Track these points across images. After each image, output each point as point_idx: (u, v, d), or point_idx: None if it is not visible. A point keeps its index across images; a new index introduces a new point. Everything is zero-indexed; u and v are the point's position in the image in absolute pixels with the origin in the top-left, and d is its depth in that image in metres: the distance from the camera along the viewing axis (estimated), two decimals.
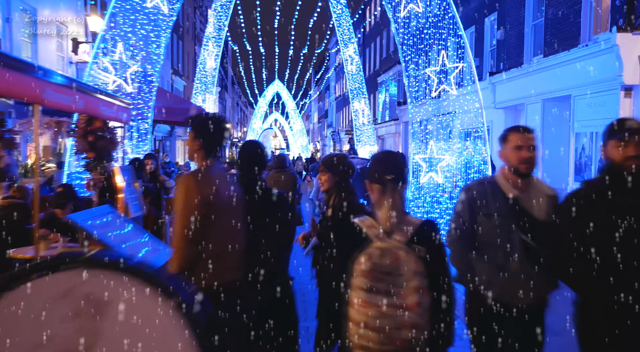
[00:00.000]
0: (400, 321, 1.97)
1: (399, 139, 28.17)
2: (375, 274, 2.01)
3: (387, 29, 31.25)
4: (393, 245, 2.05)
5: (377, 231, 2.11)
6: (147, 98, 9.67)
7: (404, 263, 2.00)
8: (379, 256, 2.02)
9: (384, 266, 2.01)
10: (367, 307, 2.00)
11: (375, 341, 1.98)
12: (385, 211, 2.10)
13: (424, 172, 10.31)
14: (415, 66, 10.49)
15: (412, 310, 1.98)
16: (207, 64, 16.84)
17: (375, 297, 1.99)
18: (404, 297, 1.98)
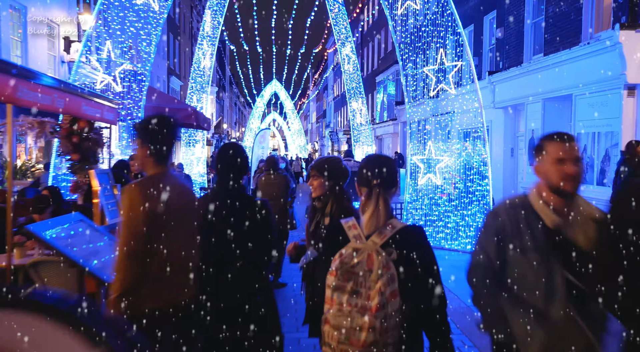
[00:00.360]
0: (359, 322, 1.93)
1: (397, 139, 27.91)
2: (342, 273, 1.99)
3: (386, 28, 31.00)
4: (366, 246, 2.02)
5: (356, 232, 2.10)
6: (137, 97, 9.39)
7: (374, 265, 1.97)
8: (350, 256, 2.01)
9: (353, 265, 1.99)
10: (331, 304, 2.00)
11: (336, 340, 1.97)
12: (368, 213, 2.09)
13: (422, 173, 10.05)
14: (413, 65, 10.23)
15: (372, 312, 1.93)
16: (201, 63, 16.57)
17: (340, 296, 1.98)
18: (368, 299, 1.95)
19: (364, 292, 1.96)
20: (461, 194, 9.48)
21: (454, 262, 8.45)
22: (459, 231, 9.44)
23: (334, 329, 1.98)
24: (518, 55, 14.38)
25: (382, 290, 1.94)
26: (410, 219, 10.26)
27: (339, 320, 1.97)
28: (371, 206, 2.09)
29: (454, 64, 9.56)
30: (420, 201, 10.09)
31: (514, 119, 15.39)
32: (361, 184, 2.18)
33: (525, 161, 13.99)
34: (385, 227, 2.07)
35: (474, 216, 9.23)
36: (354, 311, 1.95)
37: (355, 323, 1.94)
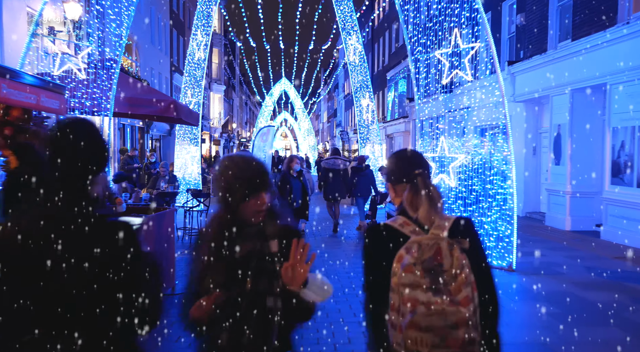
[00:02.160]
0: (455, 319, 1.75)
1: (409, 137, 26.52)
2: (417, 268, 1.80)
3: (397, 23, 29.61)
4: (433, 238, 1.84)
5: (412, 228, 1.91)
6: (105, 87, 8.19)
7: (448, 256, 1.81)
8: (418, 249, 1.82)
9: (427, 260, 1.81)
10: (414, 305, 1.77)
11: (428, 344, 1.75)
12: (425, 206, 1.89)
13: (434, 173, 8.70)
14: (422, 48, 8.89)
15: (465, 306, 1.77)
16: (196, 55, 15.40)
17: (422, 294, 1.77)
18: (455, 293, 1.78)
19: (444, 287, 1.79)
20: (479, 198, 8.12)
21: None
22: None
23: (425, 332, 1.76)
24: (542, 42, 12.95)
25: (467, 281, 1.80)
26: None
27: (431, 320, 1.76)
28: (424, 198, 1.91)
29: (471, 46, 8.20)
30: None
31: (537, 113, 13.95)
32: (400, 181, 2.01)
33: (550, 160, 12.55)
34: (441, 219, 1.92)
35: (495, 223, 7.87)
36: (446, 307, 1.76)
37: (450, 320, 1.75)
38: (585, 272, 7.41)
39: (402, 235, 1.90)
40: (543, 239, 10.46)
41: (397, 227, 1.94)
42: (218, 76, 47.75)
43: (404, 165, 2.02)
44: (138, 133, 24.58)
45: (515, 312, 5.71)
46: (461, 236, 1.88)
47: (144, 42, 24.42)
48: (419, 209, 1.91)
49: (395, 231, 1.93)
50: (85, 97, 7.86)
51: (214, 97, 47.20)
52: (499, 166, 7.88)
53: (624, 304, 5.93)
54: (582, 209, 11.38)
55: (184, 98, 15.69)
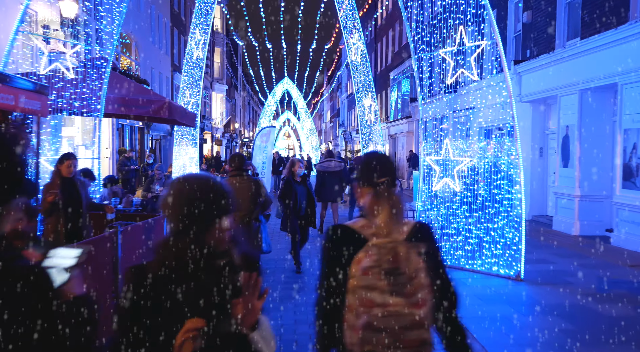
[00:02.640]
0: (409, 320, 1.81)
1: (412, 138, 26.15)
2: (375, 271, 1.84)
3: (400, 20, 29.23)
4: (391, 241, 1.87)
5: (372, 231, 1.93)
6: (95, 87, 7.86)
7: (406, 259, 1.86)
8: (379, 253, 1.86)
9: (384, 262, 1.84)
10: (370, 307, 1.82)
11: (382, 344, 1.80)
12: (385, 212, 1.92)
13: (438, 177, 8.35)
14: (426, 47, 8.52)
15: (419, 308, 1.83)
16: (194, 53, 15.07)
17: (378, 296, 1.82)
18: (410, 295, 1.83)
19: (401, 290, 1.83)
20: (485, 203, 7.76)
21: (476, 290, 6.78)
22: (482, 248, 7.73)
23: (381, 332, 1.80)
24: (549, 41, 12.56)
25: (422, 284, 1.85)
26: None
27: (387, 321, 1.81)
28: (385, 204, 1.93)
29: (477, 44, 7.83)
30: (435, 210, 8.39)
31: (544, 114, 13.56)
32: (366, 184, 2.01)
33: (558, 163, 12.16)
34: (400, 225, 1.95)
35: (501, 230, 7.50)
36: (401, 309, 1.81)
37: (405, 322, 1.82)
38: (598, 282, 7.04)
39: (362, 238, 1.93)
40: (551, 244, 10.08)
41: (357, 229, 1.97)
42: (220, 76, 47.45)
43: (370, 170, 2.03)
44: (138, 133, 24.29)
45: (524, 328, 5.34)
46: (418, 240, 1.93)
47: (144, 41, 24.12)
48: (380, 215, 1.93)
49: (355, 233, 1.96)
50: (74, 97, 7.54)
51: (216, 97, 46.91)
52: (506, 170, 7.52)
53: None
54: (592, 213, 11.00)
55: (183, 98, 15.35)
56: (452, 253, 8.09)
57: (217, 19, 47.16)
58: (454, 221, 8.12)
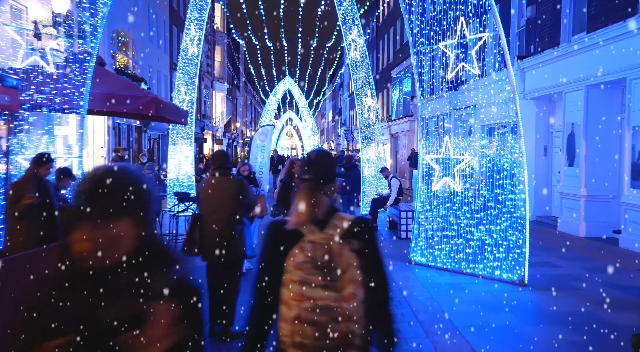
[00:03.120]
0: (338, 313, 1.88)
1: (414, 136, 25.75)
2: (308, 266, 1.92)
3: (401, 19, 28.84)
4: (325, 237, 1.97)
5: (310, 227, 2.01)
6: (77, 82, 7.50)
7: (338, 255, 1.94)
8: (312, 249, 1.95)
9: (317, 258, 1.93)
10: (301, 300, 1.90)
11: (311, 336, 1.87)
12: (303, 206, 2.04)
13: (437, 177, 7.96)
14: (425, 40, 8.14)
15: (348, 302, 1.90)
16: (189, 50, 14.71)
17: (309, 290, 1.90)
18: (340, 290, 1.91)
19: (332, 284, 1.91)
20: (487, 203, 7.37)
21: (477, 296, 6.37)
22: (484, 251, 7.34)
23: (310, 325, 1.86)
24: (554, 35, 12.15)
25: (353, 278, 1.93)
26: (422, 233, 8.18)
27: (316, 314, 1.87)
28: (308, 200, 2.04)
29: (478, 37, 7.44)
30: (434, 211, 8.00)
31: (548, 111, 13.15)
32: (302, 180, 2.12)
33: (563, 161, 11.75)
34: (338, 219, 2.04)
35: (504, 232, 7.11)
36: (331, 303, 1.88)
37: (334, 315, 1.88)
38: (607, 287, 6.64)
39: (298, 233, 1.99)
40: (556, 246, 9.68)
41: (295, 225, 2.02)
42: (221, 75, 47.12)
43: (305, 166, 2.12)
44: (135, 132, 23.95)
45: (529, 339, 4.95)
46: (354, 237, 1.97)
47: (141, 39, 23.78)
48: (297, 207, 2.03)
49: (293, 229, 2.00)
50: (54, 92, 7.18)
51: (217, 96, 46.59)
52: (509, 169, 7.13)
53: None
54: (598, 214, 10.59)
55: (178, 96, 15.00)
56: (452, 256, 7.71)
57: (217, 17, 46.85)
58: (454, 222, 7.74)
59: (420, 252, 8.19)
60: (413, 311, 5.81)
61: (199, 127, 36.98)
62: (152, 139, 27.07)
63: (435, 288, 6.81)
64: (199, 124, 37.15)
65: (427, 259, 8.08)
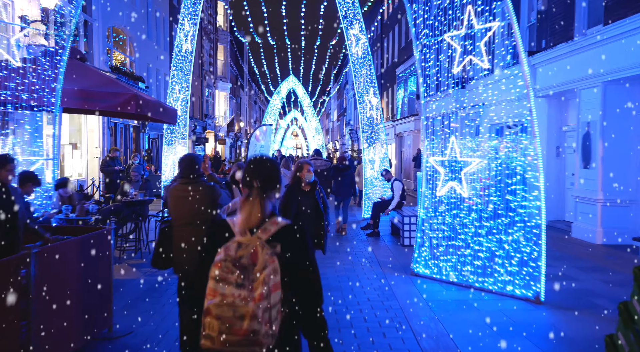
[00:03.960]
0: (242, 311, 1.97)
1: (419, 136, 25.01)
2: (227, 264, 2.03)
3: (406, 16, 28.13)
4: (251, 240, 2.08)
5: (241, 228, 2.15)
6: (48, 77, 6.87)
7: (257, 257, 2.03)
8: (235, 249, 2.05)
9: (237, 258, 2.03)
10: (213, 296, 2.01)
11: (216, 330, 1.98)
12: (246, 212, 2.17)
13: (442, 181, 7.27)
14: (430, 31, 7.44)
15: (256, 301, 1.98)
16: (183, 47, 14.08)
17: (223, 287, 2.01)
18: (252, 290, 2.00)
19: (248, 284, 2.00)
20: (498, 211, 6.66)
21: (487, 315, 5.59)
22: (495, 263, 6.64)
23: (216, 319, 1.98)
24: (567, 28, 11.41)
25: (265, 280, 2.00)
26: (426, 242, 7.49)
27: (222, 310, 1.98)
28: (248, 205, 2.17)
29: (488, 27, 6.74)
30: (439, 218, 7.31)
31: (561, 109, 12.41)
32: (244, 185, 2.25)
33: (577, 163, 11.00)
34: (270, 224, 2.14)
35: (517, 243, 6.40)
36: (237, 300, 1.98)
37: (238, 312, 1.97)
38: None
39: (232, 233, 2.15)
40: (571, 255, 8.96)
41: (232, 225, 2.18)
42: (224, 74, 46.52)
43: (248, 172, 2.22)
44: (133, 132, 23.35)
45: None
46: (279, 240, 2.08)
47: (139, 37, 23.17)
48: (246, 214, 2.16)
49: (229, 229, 2.17)
50: (21, 88, 6.54)
51: (220, 95, 45.99)
52: (522, 173, 6.42)
53: None
54: (617, 219, 9.85)
55: (172, 94, 14.38)
56: (459, 268, 7.01)
57: (220, 15, 46.26)
58: (461, 231, 7.04)
59: (424, 263, 7.50)
60: (414, 334, 5.12)
61: (200, 126, 36.39)
62: (151, 139, 26.47)
63: (440, 306, 6.12)
64: (201, 123, 36.55)
65: (431, 271, 7.39)
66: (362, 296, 6.58)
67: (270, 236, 2.09)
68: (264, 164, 2.24)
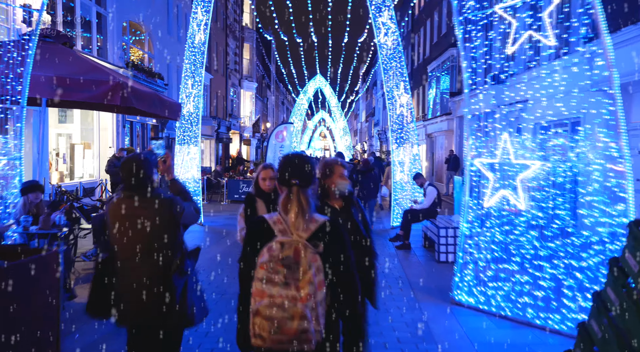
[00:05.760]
0: (291, 312, 2.02)
1: (452, 137, 23.38)
2: (272, 265, 2.06)
3: (440, 8, 26.48)
4: (294, 240, 2.11)
5: (282, 227, 2.18)
6: (14, 61, 5.72)
7: (301, 256, 2.07)
8: (279, 249, 2.08)
9: (282, 258, 2.06)
10: (261, 297, 2.05)
11: (267, 330, 2.03)
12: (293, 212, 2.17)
13: (491, 189, 5.83)
14: (475, 3, 6.00)
15: (303, 302, 2.03)
16: (196, 37, 12.94)
17: (270, 288, 2.04)
18: (298, 289, 2.04)
19: (294, 284, 2.04)
20: (566, 229, 5.18)
21: None
22: (562, 295, 5.16)
23: (265, 320, 2.02)
24: (635, 8, 9.75)
25: (311, 280, 2.05)
26: (469, 264, 6.05)
27: (271, 311, 2.02)
28: (294, 205, 2.16)
29: None
30: (487, 235, 5.86)
31: (627, 103, 10.72)
32: (281, 184, 2.26)
33: None
34: (310, 222, 2.16)
35: (593, 270, 4.91)
36: (286, 301, 2.02)
37: (288, 313, 2.02)
38: None
39: (272, 233, 2.16)
40: None
41: (271, 224, 2.19)
42: (249, 73, 45.61)
43: (287, 170, 2.23)
44: (151, 132, 22.45)
45: None
46: (320, 239, 2.13)
47: (159, 32, 22.23)
48: (289, 213, 2.18)
49: (269, 228, 2.19)
50: None
51: (245, 95, 45.10)
52: (602, 180, 4.93)
53: None
54: None
55: (185, 90, 13.27)
56: (514, 299, 5.55)
57: (246, 13, 45.33)
58: (516, 252, 5.58)
59: (468, 290, 6.07)
60: None
61: (224, 126, 35.44)
62: (170, 139, 25.54)
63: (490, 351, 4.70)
64: (225, 123, 35.61)
65: (476, 300, 5.95)
66: (390, 334, 5.20)
67: (311, 234, 2.14)
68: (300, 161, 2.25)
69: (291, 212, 2.15)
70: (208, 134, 31.34)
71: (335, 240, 2.16)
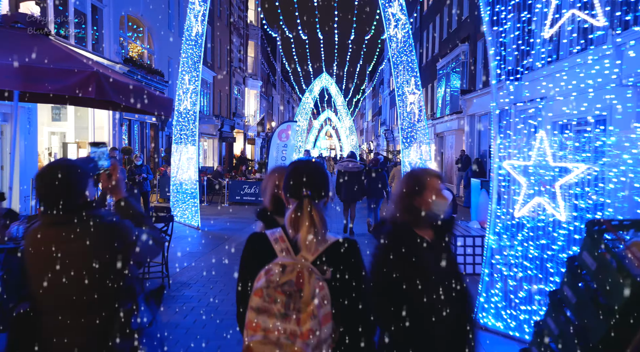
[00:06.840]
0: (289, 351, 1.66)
1: (462, 136, 22.49)
2: (269, 292, 1.70)
3: (450, 3, 25.57)
4: (297, 262, 1.75)
5: (284, 246, 1.85)
6: None
7: (305, 283, 1.70)
8: (278, 273, 1.72)
9: (280, 284, 1.70)
10: (254, 331, 1.69)
11: None
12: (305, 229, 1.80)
13: (524, 196, 4.99)
14: None
15: (304, 339, 1.66)
16: (193, 29, 12.15)
17: (265, 320, 1.68)
18: (298, 323, 1.67)
19: (294, 316, 1.68)
20: None
21: None
22: None
23: None
24: None
25: (314, 313, 1.68)
26: (497, 283, 5.22)
27: (265, 349, 1.67)
28: (306, 220, 1.79)
29: None
30: (519, 250, 5.02)
31: None
32: (291, 195, 1.89)
33: None
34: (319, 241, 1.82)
35: None
36: (282, 338, 1.67)
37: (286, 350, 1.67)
38: None
39: (273, 252, 1.83)
40: None
41: (272, 242, 1.87)
42: (254, 71, 44.81)
43: (296, 180, 1.88)
44: (151, 130, 21.69)
45: None
46: (330, 262, 1.77)
47: (158, 27, 21.47)
48: (300, 231, 1.81)
49: (269, 246, 1.85)
50: None
51: (249, 93, 44.31)
52: None
53: None
54: None
55: (182, 85, 12.49)
56: None
57: (250, 10, 44.52)
58: (554, 271, 4.74)
59: (495, 313, 5.24)
60: None
61: (228, 125, 34.67)
62: (170, 138, 24.81)
63: None
64: (229, 122, 34.83)
65: (505, 325, 5.12)
66: None
67: (317, 256, 1.80)
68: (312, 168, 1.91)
69: (302, 229, 1.77)
70: (211, 133, 30.60)
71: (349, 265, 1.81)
